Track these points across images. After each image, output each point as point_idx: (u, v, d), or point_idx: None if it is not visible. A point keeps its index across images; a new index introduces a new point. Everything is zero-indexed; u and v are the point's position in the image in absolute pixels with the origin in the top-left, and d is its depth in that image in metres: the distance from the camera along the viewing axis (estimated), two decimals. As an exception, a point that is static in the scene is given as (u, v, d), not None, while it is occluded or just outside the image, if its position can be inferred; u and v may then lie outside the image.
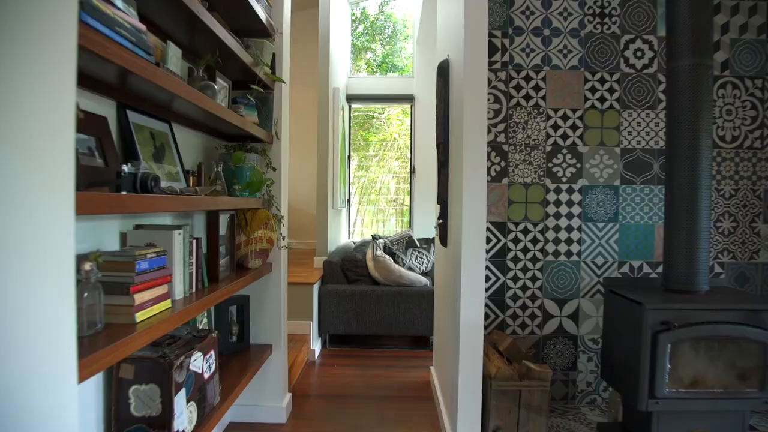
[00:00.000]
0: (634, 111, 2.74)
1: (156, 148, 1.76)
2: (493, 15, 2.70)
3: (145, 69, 1.25)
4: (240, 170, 2.13)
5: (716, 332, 2.08)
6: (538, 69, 2.72)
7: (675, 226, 2.23)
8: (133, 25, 1.20)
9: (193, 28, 1.78)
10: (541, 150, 2.73)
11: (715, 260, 2.81)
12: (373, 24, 7.71)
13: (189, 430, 1.62)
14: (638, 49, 2.74)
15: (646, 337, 2.06)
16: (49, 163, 0.86)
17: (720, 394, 2.11)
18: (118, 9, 1.15)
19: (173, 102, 1.70)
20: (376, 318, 4.02)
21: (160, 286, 1.46)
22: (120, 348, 1.15)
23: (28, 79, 0.82)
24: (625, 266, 2.76)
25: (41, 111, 0.84)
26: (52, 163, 0.86)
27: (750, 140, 2.80)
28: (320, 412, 2.88)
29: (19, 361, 0.81)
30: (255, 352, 2.54)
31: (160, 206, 1.39)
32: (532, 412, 2.26)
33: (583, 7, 2.72)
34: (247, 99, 2.33)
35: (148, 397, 1.52)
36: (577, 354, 2.77)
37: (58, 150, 0.88)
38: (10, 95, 0.78)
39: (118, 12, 1.15)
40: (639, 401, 2.08)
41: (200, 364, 1.72)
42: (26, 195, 0.81)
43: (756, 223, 2.82)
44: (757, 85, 2.78)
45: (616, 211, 2.75)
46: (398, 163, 7.13)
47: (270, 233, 2.38)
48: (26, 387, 0.82)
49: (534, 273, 2.74)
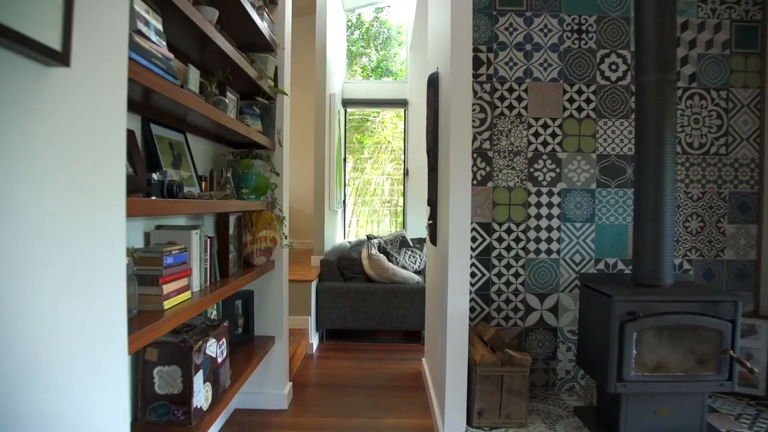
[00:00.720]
0: (609, 120, 2.97)
1: (174, 157, 1.97)
2: (479, 31, 2.92)
3: (173, 91, 1.46)
4: (247, 176, 2.35)
5: (677, 321, 2.31)
6: (520, 81, 2.94)
7: (642, 226, 2.46)
8: (163, 54, 1.41)
9: (206, 49, 1.99)
10: (523, 156, 2.95)
11: (684, 257, 3.04)
12: (368, 30, 7.92)
13: (205, 407, 1.83)
14: (613, 62, 2.97)
15: (614, 326, 2.28)
16: (108, 173, 1.07)
17: (681, 377, 2.34)
18: (152, 42, 1.36)
19: (188, 115, 1.91)
20: (371, 314, 4.23)
21: (182, 279, 1.67)
22: (155, 329, 1.36)
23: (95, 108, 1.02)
24: (601, 263, 2.99)
25: (101, 133, 1.05)
26: (110, 174, 1.07)
27: (716, 147, 3.03)
28: (319, 399, 3.09)
29: (89, 335, 1.01)
30: (259, 342, 2.75)
31: (183, 209, 1.60)
32: (513, 396, 2.48)
33: (562, 24, 2.95)
34: (252, 109, 2.54)
35: (171, 377, 1.73)
36: (557, 344, 2.99)
37: (115, 163, 1.09)
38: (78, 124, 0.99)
39: (153, 45, 1.36)
40: (608, 384, 2.30)
41: (214, 350, 1.93)
42: (93, 201, 1.02)
43: (721, 224, 3.05)
44: (721, 96, 3.01)
45: (592, 213, 2.97)
46: (392, 165, 7.34)
47: (273, 233, 2.59)
48: (93, 353, 1.03)
49: (517, 269, 2.97)
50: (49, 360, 0.89)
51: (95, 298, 1.03)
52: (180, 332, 1.84)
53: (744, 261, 3.05)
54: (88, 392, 1.01)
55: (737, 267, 3.06)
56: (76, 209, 0.96)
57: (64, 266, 0.92)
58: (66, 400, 0.94)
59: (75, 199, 0.95)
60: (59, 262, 0.91)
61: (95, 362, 1.03)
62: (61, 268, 0.91)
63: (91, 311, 1.01)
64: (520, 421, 2.49)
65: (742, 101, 3.02)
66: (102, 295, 1.05)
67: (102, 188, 1.04)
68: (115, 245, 1.10)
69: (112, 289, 1.09)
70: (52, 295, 0.89)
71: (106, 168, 1.06)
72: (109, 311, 1.08)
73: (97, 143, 1.03)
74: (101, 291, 1.05)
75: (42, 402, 0.87)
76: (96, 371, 1.04)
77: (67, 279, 0.93)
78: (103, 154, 1.05)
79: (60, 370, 0.92)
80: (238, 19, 2.28)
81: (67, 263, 0.93)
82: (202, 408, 1.79)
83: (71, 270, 0.94)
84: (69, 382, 0.95)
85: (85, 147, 0.99)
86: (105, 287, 1.06)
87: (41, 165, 0.86)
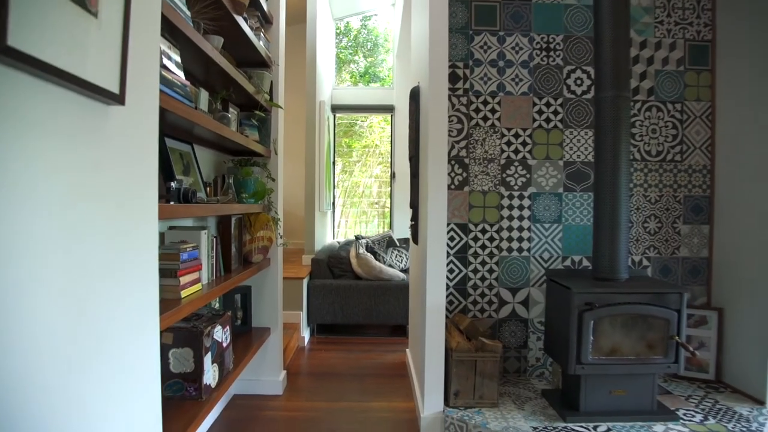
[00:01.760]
0: (575, 130, 3.27)
1: (184, 166, 2.23)
2: (456, 49, 3.21)
3: (190, 113, 1.73)
4: (247, 182, 2.61)
5: (629, 311, 2.61)
6: (494, 94, 3.23)
7: (600, 226, 2.76)
8: (182, 82, 1.68)
9: (211, 70, 2.26)
10: (496, 163, 3.24)
11: (643, 255, 3.35)
12: (356, 37, 8.20)
13: (213, 385, 2.09)
14: (578, 77, 3.26)
15: (574, 315, 2.58)
16: (150, 184, 1.34)
17: (633, 360, 2.64)
18: (173, 73, 1.63)
19: (195, 128, 2.18)
20: (359, 309, 4.51)
21: (195, 273, 1.93)
22: (177, 313, 1.63)
23: (139, 133, 1.29)
24: (568, 260, 3.29)
25: (144, 152, 1.32)
26: (151, 185, 1.34)
27: (672, 154, 3.34)
28: (310, 386, 3.36)
29: (124, 313, 1.28)
30: (256, 333, 3.02)
31: (197, 212, 1.86)
32: (485, 379, 2.77)
33: (532, 42, 3.24)
34: (250, 121, 2.81)
35: (184, 358, 1.99)
36: (528, 334, 3.28)
37: (152, 174, 1.36)
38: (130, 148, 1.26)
39: (174, 75, 1.62)
40: (569, 367, 2.60)
41: (220, 335, 2.19)
42: (142, 207, 1.29)
43: (677, 224, 3.36)
44: (677, 109, 3.33)
45: (559, 214, 3.27)
46: (380, 168, 7.62)
47: (270, 233, 2.85)
48: (132, 331, 1.29)
49: (491, 266, 3.25)
50: (109, 331, 1.15)
51: (139, 285, 1.29)
52: (190, 320, 2.11)
53: (697, 258, 3.37)
54: (134, 359, 1.28)
55: (691, 264, 3.37)
56: (129, 214, 1.23)
57: (120, 258, 1.19)
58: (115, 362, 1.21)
59: (129, 206, 1.22)
60: (119, 255, 1.17)
61: (138, 337, 1.30)
62: (120, 259, 1.18)
63: (135, 295, 1.28)
64: (492, 402, 2.78)
65: (695, 113, 3.33)
66: (144, 281, 1.32)
67: (147, 196, 1.31)
68: (152, 242, 1.37)
69: (150, 277, 1.36)
70: (113, 281, 1.16)
71: (148, 180, 1.33)
72: (147, 296, 1.35)
73: (142, 160, 1.30)
74: (143, 279, 1.32)
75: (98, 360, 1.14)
76: (138, 343, 1.30)
77: (123, 268, 1.20)
78: (146, 169, 1.32)
79: (113, 341, 1.18)
80: (239, 41, 2.55)
81: (124, 256, 1.20)
82: (210, 385, 2.06)
83: (126, 261, 1.21)
84: (120, 350, 1.21)
85: (134, 164, 1.26)
86: (146, 276, 1.33)
87: (105, 180, 1.13)
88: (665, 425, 2.57)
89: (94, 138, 1.09)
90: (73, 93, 1.00)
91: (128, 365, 1.26)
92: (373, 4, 7.12)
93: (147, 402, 1.37)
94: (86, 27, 1.00)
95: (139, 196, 1.27)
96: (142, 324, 1.33)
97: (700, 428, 2.53)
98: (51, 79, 0.92)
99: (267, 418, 2.85)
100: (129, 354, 1.26)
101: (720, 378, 3.18)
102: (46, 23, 0.87)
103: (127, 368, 1.25)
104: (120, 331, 1.21)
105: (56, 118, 0.95)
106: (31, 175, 0.88)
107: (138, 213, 1.28)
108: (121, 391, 1.23)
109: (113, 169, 1.16)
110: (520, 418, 2.63)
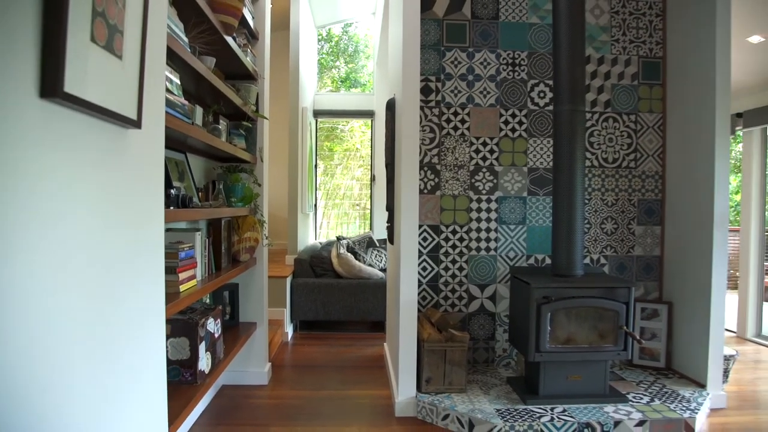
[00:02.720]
0: (538, 139, 3.55)
1: (179, 173, 2.45)
2: (429, 63, 3.47)
3: (188, 128, 1.96)
4: (236, 187, 2.84)
5: (582, 303, 2.90)
6: (463, 106, 3.50)
7: (558, 227, 3.04)
8: (182, 102, 1.91)
9: (203, 86, 2.48)
10: (466, 169, 3.51)
11: (601, 254, 3.65)
12: (337, 43, 8.44)
13: (206, 371, 2.32)
14: (541, 91, 3.55)
15: (533, 308, 2.86)
16: (155, 191, 1.57)
17: (586, 348, 2.93)
18: (174, 95, 1.86)
19: (188, 139, 2.40)
20: (340, 306, 4.75)
21: (191, 270, 2.16)
22: (178, 304, 1.86)
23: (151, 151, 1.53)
24: (532, 259, 3.58)
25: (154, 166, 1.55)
26: (160, 193, 1.58)
27: (627, 161, 3.65)
28: (294, 377, 3.60)
29: (140, 302, 1.51)
30: (243, 327, 3.24)
31: (194, 216, 2.10)
32: (454, 366, 3.03)
33: (499, 58, 3.52)
34: (238, 131, 3.03)
35: (180, 347, 2.22)
36: (495, 327, 3.56)
37: (159, 184, 1.59)
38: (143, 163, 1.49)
39: (175, 96, 1.85)
40: (529, 354, 2.88)
41: (212, 327, 2.42)
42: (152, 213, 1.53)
43: (632, 225, 3.67)
44: (631, 119, 3.64)
45: (524, 216, 3.56)
46: (361, 170, 7.87)
47: (256, 234, 3.09)
48: (142, 317, 1.53)
49: (461, 264, 3.53)
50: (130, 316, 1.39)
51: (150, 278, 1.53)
52: (186, 312, 2.33)
53: (650, 256, 3.68)
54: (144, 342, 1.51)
55: (645, 261, 3.68)
56: (143, 218, 1.46)
57: (136, 255, 1.42)
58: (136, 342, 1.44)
59: (143, 211, 1.46)
60: (135, 252, 1.41)
61: (151, 320, 1.54)
62: (136, 256, 1.42)
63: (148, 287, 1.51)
64: (460, 387, 3.04)
65: (648, 124, 3.65)
66: (154, 276, 1.56)
67: (156, 202, 1.55)
68: (159, 242, 1.60)
69: (158, 272, 1.60)
70: (132, 275, 1.39)
71: (156, 189, 1.56)
72: (156, 288, 1.58)
73: (152, 172, 1.53)
74: (153, 273, 1.55)
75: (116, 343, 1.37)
76: (149, 325, 1.54)
77: (138, 263, 1.43)
78: (155, 180, 1.55)
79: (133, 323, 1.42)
80: (228, 58, 2.78)
81: (139, 253, 1.43)
82: (204, 371, 2.29)
83: (140, 258, 1.44)
84: (140, 331, 1.45)
85: (146, 177, 1.49)
86: (155, 272, 1.57)
87: (125, 191, 1.36)
88: (615, 406, 2.86)
89: (117, 156, 1.32)
90: (104, 121, 1.24)
91: (143, 345, 1.49)
92: (354, 13, 7.37)
93: (157, 376, 1.61)
94: (114, 68, 1.23)
95: (150, 203, 1.51)
96: (154, 310, 1.56)
97: (645, 408, 2.83)
98: (91, 113, 1.15)
99: (254, 405, 3.08)
100: (145, 335, 1.50)
101: (670, 365, 3.49)
102: (88, 69, 1.10)
103: (142, 347, 1.49)
104: (136, 316, 1.44)
105: (90, 141, 1.18)
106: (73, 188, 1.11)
107: (149, 217, 1.51)
108: (140, 365, 1.46)
109: (131, 181, 1.39)
110: (485, 402, 2.90)
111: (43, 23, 0.99)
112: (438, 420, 2.85)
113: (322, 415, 2.96)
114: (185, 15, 2.09)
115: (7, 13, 0.90)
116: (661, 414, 2.76)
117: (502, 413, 2.76)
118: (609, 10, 3.61)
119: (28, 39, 0.95)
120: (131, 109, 1.34)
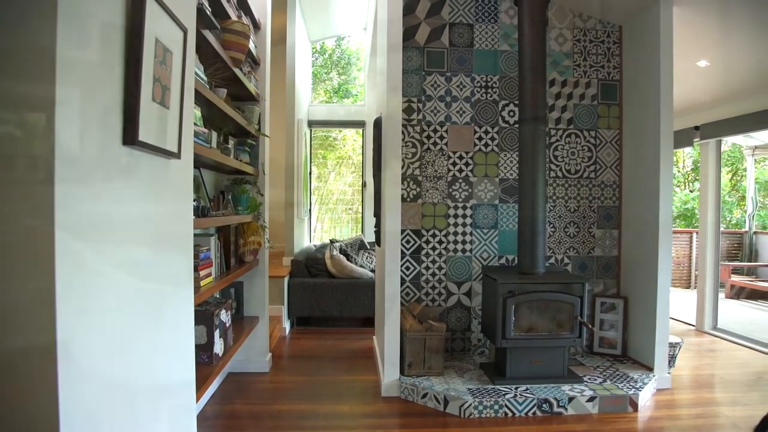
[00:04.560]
0: (508, 153, 4.01)
1: (195, 186, 2.88)
2: (412, 86, 3.92)
3: (208, 152, 2.40)
4: (242, 197, 3.28)
5: (542, 297, 3.35)
6: (442, 124, 3.95)
7: (522, 230, 3.50)
8: (203, 131, 2.35)
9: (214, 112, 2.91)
10: (444, 180, 3.96)
11: (564, 254, 4.11)
12: (330, 56, 8.89)
13: (220, 354, 2.75)
14: (511, 110, 4.01)
15: (499, 300, 3.30)
16: (186, 205, 2.01)
17: (546, 336, 3.39)
18: (198, 126, 2.29)
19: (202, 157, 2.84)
20: (333, 304, 5.19)
21: (208, 268, 2.59)
22: (200, 296, 2.30)
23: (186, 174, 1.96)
24: (503, 259, 4.03)
25: (187, 184, 1.98)
26: (186, 205, 2.02)
27: (588, 172, 4.11)
28: (292, 365, 4.04)
29: (181, 288, 1.94)
30: (247, 320, 3.67)
31: (211, 223, 2.54)
32: (433, 353, 3.48)
33: (474, 81, 3.98)
34: (243, 147, 3.47)
35: (199, 333, 2.64)
36: (471, 320, 4.01)
37: (189, 198, 2.03)
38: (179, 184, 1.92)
39: (198, 127, 2.29)
40: (497, 341, 3.32)
41: (225, 317, 2.85)
42: (185, 221, 1.96)
43: (592, 229, 4.13)
44: (591, 135, 4.10)
45: (496, 221, 4.01)
46: (353, 176, 8.31)
47: (259, 238, 3.52)
48: (174, 303, 1.96)
49: (440, 264, 3.97)
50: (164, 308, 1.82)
51: (186, 274, 1.97)
52: (202, 305, 2.76)
53: (609, 256, 4.14)
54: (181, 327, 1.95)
55: (604, 261, 4.14)
56: (179, 226, 1.90)
57: (175, 255, 1.86)
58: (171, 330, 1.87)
59: (180, 220, 1.90)
60: (175, 252, 1.84)
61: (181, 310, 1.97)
62: (175, 256, 1.85)
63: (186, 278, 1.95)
64: (438, 371, 3.49)
65: (606, 139, 4.11)
66: (188, 271, 1.99)
67: (186, 213, 1.99)
68: (189, 244, 2.04)
69: (189, 269, 2.03)
70: (175, 269, 1.83)
71: (186, 203, 2.00)
72: (189, 279, 2.02)
73: (184, 191, 1.97)
74: (187, 269, 1.99)
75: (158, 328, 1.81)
76: (181, 315, 1.97)
77: (176, 262, 1.87)
78: (186, 196, 1.99)
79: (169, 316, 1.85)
80: (236, 85, 3.21)
81: (177, 254, 1.87)
82: (218, 354, 2.72)
83: (178, 257, 1.88)
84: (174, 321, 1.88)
85: (181, 194, 1.93)
86: (187, 268, 2.00)
87: (167, 207, 1.80)
88: (571, 386, 3.31)
89: (163, 182, 1.76)
90: (157, 156, 1.68)
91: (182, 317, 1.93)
92: (347, 28, 7.82)
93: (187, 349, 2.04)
94: (165, 116, 1.67)
95: (182, 213, 1.95)
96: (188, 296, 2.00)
97: (597, 387, 3.28)
98: (152, 152, 1.59)
99: (258, 388, 3.51)
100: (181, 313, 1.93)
101: (625, 353, 3.95)
102: (150, 120, 1.54)
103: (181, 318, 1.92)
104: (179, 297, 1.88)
105: (145, 170, 1.62)
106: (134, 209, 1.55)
107: (184, 224, 1.95)
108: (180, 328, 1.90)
109: (172, 200, 1.83)
110: (459, 383, 3.35)
111: (124, 92, 1.43)
112: (418, 398, 3.29)
113: (318, 396, 3.39)
114: (203, 57, 2.53)
115: (102, 85, 1.34)
116: (609, 392, 3.22)
117: (473, 392, 3.20)
118: (572, 38, 4.07)
119: (116, 106, 1.39)
120: (173, 144, 1.78)
